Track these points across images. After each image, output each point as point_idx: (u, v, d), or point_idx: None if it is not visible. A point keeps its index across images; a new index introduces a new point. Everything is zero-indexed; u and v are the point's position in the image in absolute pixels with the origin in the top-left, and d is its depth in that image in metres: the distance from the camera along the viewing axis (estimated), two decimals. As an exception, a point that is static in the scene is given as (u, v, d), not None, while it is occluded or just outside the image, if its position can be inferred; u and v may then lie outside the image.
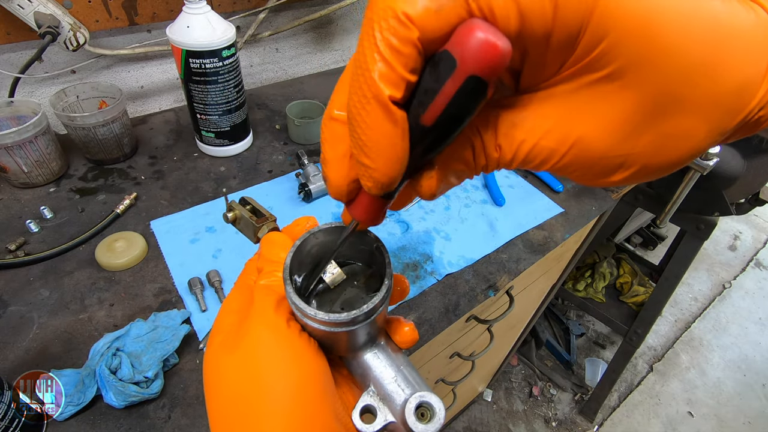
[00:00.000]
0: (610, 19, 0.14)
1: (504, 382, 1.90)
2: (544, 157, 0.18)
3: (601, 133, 0.16)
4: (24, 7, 0.69)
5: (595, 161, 0.17)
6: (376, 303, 0.23)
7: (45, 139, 0.70)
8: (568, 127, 0.17)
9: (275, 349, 0.23)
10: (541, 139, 0.17)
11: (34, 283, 0.59)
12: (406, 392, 0.25)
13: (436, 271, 0.66)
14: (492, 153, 0.18)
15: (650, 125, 0.16)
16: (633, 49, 0.15)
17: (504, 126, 0.18)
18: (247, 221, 0.33)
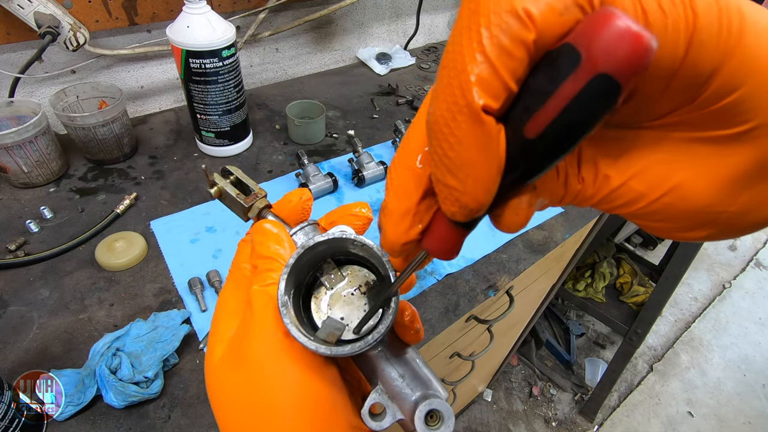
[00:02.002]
0: (749, 67, 0.13)
1: (504, 382, 1.90)
2: (628, 200, 0.16)
3: (706, 186, 0.15)
4: (24, 7, 0.69)
5: (688, 214, 0.15)
6: (379, 336, 0.22)
7: (45, 139, 0.70)
8: (665, 173, 0.15)
9: (280, 368, 0.22)
10: (630, 179, 0.15)
11: (34, 283, 0.59)
12: (414, 391, 0.25)
13: (436, 271, 0.66)
14: (574, 184, 0.17)
15: (757, 184, 0.14)
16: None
17: (590, 157, 0.16)
18: (234, 199, 0.30)
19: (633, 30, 0.11)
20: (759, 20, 0.13)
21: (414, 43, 1.32)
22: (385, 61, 1.21)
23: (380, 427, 0.24)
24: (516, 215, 0.17)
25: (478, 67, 0.12)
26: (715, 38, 0.12)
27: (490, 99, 0.12)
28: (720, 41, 0.12)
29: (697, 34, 0.12)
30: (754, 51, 0.13)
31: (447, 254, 0.18)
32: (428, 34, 1.40)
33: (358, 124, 0.97)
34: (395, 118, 1.00)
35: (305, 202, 0.29)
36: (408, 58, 1.24)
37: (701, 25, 0.12)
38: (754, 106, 0.13)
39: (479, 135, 0.13)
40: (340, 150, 0.89)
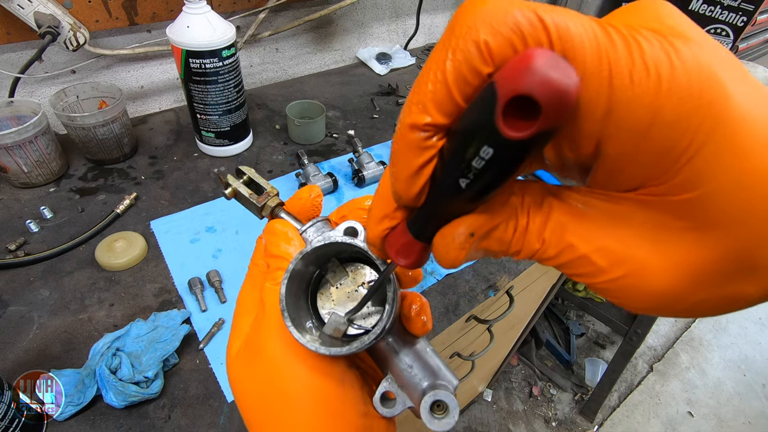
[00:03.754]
0: (724, 163, 0.13)
1: (504, 382, 1.90)
2: (587, 272, 0.16)
3: (667, 275, 0.15)
4: (24, 7, 0.69)
5: (645, 297, 0.15)
6: (375, 336, 0.23)
7: (45, 139, 0.70)
8: (629, 252, 0.15)
9: (290, 363, 0.24)
10: (593, 252, 0.15)
11: (34, 283, 0.59)
12: (423, 380, 0.25)
13: (436, 271, 0.66)
14: (533, 243, 0.17)
15: (714, 284, 0.14)
16: (738, 203, 0.13)
17: (556, 221, 0.16)
18: (247, 199, 0.32)
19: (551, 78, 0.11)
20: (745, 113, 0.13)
21: (414, 43, 1.32)
22: (385, 61, 1.21)
23: (391, 414, 0.25)
24: (447, 252, 0.17)
25: (436, 87, 0.14)
26: (688, 114, 0.12)
27: (439, 116, 0.14)
28: (694, 119, 0.12)
29: (669, 110, 0.12)
30: (730, 145, 0.12)
31: (402, 256, 0.19)
32: (428, 34, 1.40)
33: (358, 124, 0.97)
34: (395, 118, 1.00)
35: (315, 199, 0.30)
36: (408, 58, 1.24)
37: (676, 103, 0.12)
38: (719, 203, 0.13)
39: (413, 140, 0.15)
40: (340, 150, 0.89)
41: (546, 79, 0.11)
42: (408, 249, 0.19)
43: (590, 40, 0.12)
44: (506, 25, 0.12)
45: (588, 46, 0.12)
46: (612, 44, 0.12)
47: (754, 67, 1.12)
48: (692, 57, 0.12)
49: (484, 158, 0.13)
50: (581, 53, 0.12)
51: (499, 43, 0.12)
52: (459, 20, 0.13)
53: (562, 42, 0.12)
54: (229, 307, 0.59)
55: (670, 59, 0.12)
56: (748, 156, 0.13)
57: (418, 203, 0.17)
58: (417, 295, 0.27)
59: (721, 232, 0.14)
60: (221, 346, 0.54)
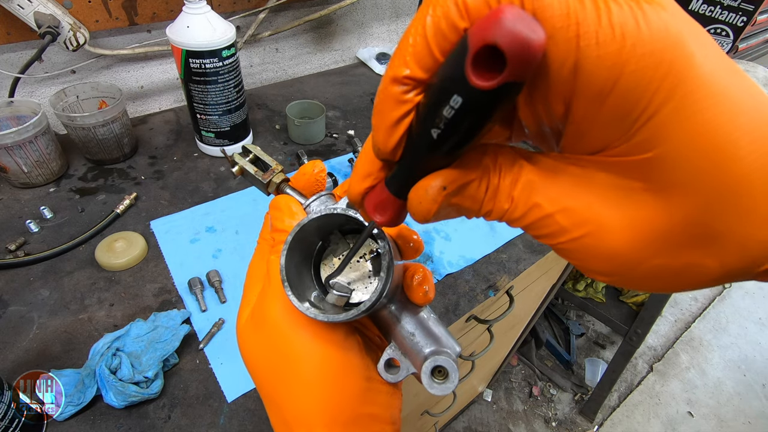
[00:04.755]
0: (684, 124, 0.13)
1: (504, 382, 1.90)
2: (551, 231, 0.17)
3: (625, 237, 0.15)
4: (24, 7, 0.69)
5: (601, 259, 0.16)
6: (373, 300, 0.23)
7: (45, 139, 0.70)
8: (591, 213, 0.16)
9: (295, 323, 0.25)
10: (556, 213, 0.16)
11: (34, 283, 0.59)
12: (425, 347, 0.26)
13: (436, 271, 0.66)
14: (502, 202, 0.17)
15: (672, 249, 0.15)
16: (692, 166, 0.13)
17: (526, 181, 0.17)
18: (253, 177, 0.33)
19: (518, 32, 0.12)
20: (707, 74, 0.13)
21: (414, 43, 1.32)
22: (385, 61, 1.21)
23: (395, 379, 0.26)
24: (420, 204, 0.17)
25: (416, 40, 0.14)
26: (649, 77, 0.13)
27: (418, 69, 0.15)
28: (654, 81, 0.13)
29: (631, 69, 0.13)
30: (688, 106, 0.13)
31: (378, 212, 0.20)
32: (428, 34, 1.40)
33: (358, 124, 0.97)
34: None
35: (319, 174, 0.31)
36: (408, 58, 1.24)
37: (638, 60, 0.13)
38: (676, 169, 0.14)
39: (393, 93, 0.16)
40: (340, 150, 0.89)
41: (512, 31, 0.12)
42: (384, 205, 0.20)
43: (560, 1, 0.13)
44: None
45: (557, 6, 0.13)
46: (582, 6, 0.13)
47: (754, 67, 1.12)
48: (659, 20, 0.13)
49: (454, 107, 0.14)
50: (550, 13, 0.13)
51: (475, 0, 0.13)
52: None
53: (533, 1, 0.13)
54: (229, 307, 0.59)
55: (636, 21, 0.13)
56: (704, 118, 0.13)
57: (395, 157, 0.18)
58: (420, 266, 0.28)
59: (677, 195, 0.14)
60: (221, 346, 0.54)
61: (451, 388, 0.24)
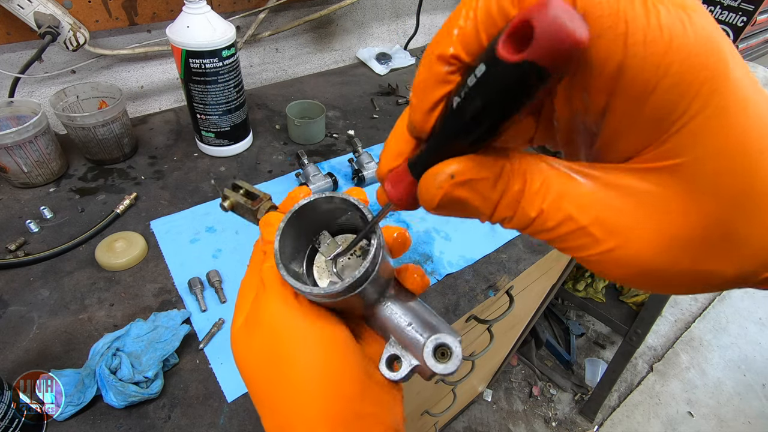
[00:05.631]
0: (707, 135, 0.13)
1: (504, 382, 1.90)
2: (582, 244, 0.16)
3: (651, 243, 0.15)
4: (24, 7, 0.69)
5: (626, 267, 0.16)
6: (367, 267, 0.23)
7: (45, 139, 0.70)
8: (620, 223, 0.15)
9: (291, 324, 0.25)
10: (590, 225, 0.15)
11: (34, 283, 0.59)
12: (424, 336, 0.26)
13: (436, 271, 0.66)
14: (528, 212, 0.16)
15: (696, 255, 0.15)
16: (719, 173, 0.14)
17: (557, 192, 0.16)
18: (243, 206, 0.35)
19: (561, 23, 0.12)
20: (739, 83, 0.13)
21: (414, 43, 1.32)
22: (385, 61, 1.21)
23: (398, 376, 0.26)
24: (426, 190, 0.17)
25: (466, 23, 0.15)
26: (690, 80, 0.13)
27: (463, 51, 0.15)
28: (695, 85, 0.13)
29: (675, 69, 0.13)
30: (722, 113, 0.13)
31: (394, 189, 0.20)
32: (428, 34, 1.40)
33: (358, 124, 0.97)
34: (395, 118, 1.00)
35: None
36: (408, 58, 1.24)
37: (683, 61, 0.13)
38: (704, 175, 0.14)
39: (437, 71, 0.16)
40: (340, 150, 0.89)
41: (550, 15, 0.12)
42: (402, 185, 0.19)
43: (610, 0, 0.13)
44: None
45: (606, 5, 0.13)
46: (631, 6, 0.13)
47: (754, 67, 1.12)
48: (703, 26, 0.13)
49: (476, 75, 0.14)
50: (599, 11, 0.13)
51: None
52: None
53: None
54: (230, 307, 0.59)
55: (683, 24, 0.13)
56: (735, 126, 0.13)
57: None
58: (411, 266, 0.30)
59: (703, 201, 0.14)
60: (221, 346, 0.54)
61: (456, 365, 0.24)
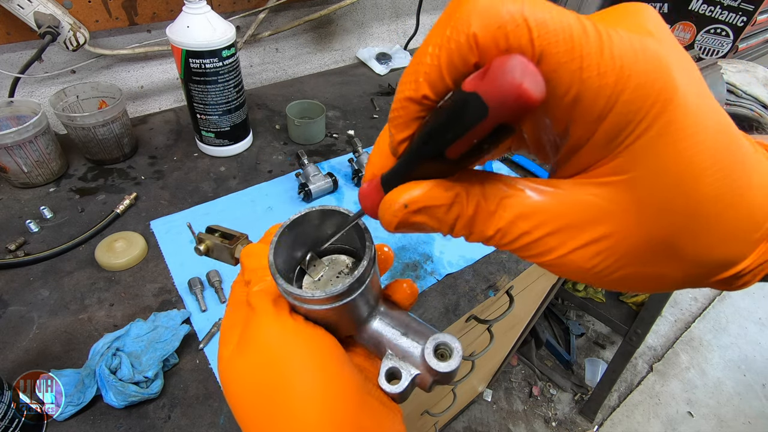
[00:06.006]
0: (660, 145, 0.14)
1: (504, 382, 1.90)
2: (538, 252, 0.18)
3: (598, 251, 0.17)
4: (24, 7, 0.69)
5: (578, 271, 0.18)
6: (365, 266, 0.24)
7: (45, 139, 0.70)
8: (572, 233, 0.17)
9: (287, 341, 0.24)
10: (545, 236, 0.17)
11: (34, 283, 0.59)
12: (420, 342, 0.26)
13: (436, 271, 0.66)
14: (485, 231, 0.18)
15: (640, 263, 0.17)
16: (662, 190, 0.15)
17: (512, 211, 0.17)
18: (220, 246, 0.34)
19: (525, 90, 0.13)
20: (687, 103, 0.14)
21: (414, 43, 1.32)
22: (385, 61, 1.21)
23: (399, 389, 0.25)
24: (384, 215, 0.19)
25: (431, 67, 0.15)
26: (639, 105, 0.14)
27: (429, 91, 0.16)
28: (644, 108, 0.14)
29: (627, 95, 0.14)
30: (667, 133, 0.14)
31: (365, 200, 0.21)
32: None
33: (358, 124, 0.97)
34: (395, 118, 1.00)
35: None
36: (408, 58, 1.24)
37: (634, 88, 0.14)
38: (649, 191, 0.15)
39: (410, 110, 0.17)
40: (340, 150, 0.89)
41: (499, 86, 0.13)
42: (370, 195, 0.20)
43: (565, 35, 0.14)
44: (494, 21, 0.14)
45: (562, 41, 0.14)
46: (586, 39, 0.14)
47: (754, 67, 1.12)
48: (653, 51, 0.14)
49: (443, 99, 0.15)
50: (555, 48, 0.14)
51: (485, 38, 0.14)
52: (454, 12, 0.15)
53: (540, 39, 0.14)
54: (229, 307, 0.59)
55: (635, 52, 0.14)
56: (677, 144, 0.14)
57: None
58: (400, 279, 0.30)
59: (647, 214, 0.15)
60: (221, 346, 0.54)
61: (458, 361, 0.24)
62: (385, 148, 0.20)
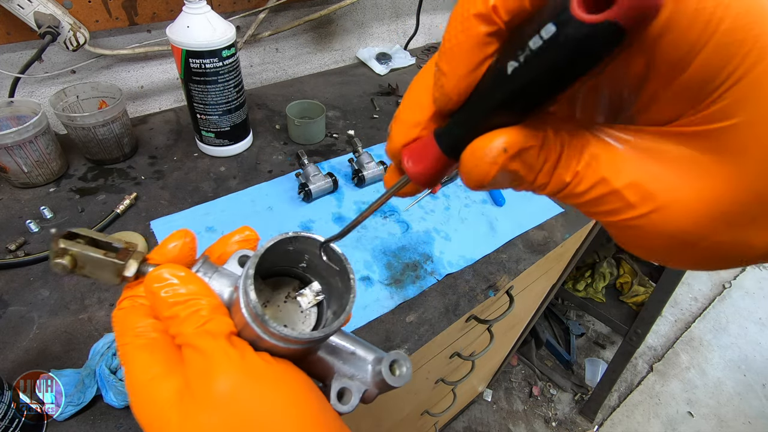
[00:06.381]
0: (762, 91, 0.12)
1: (504, 382, 1.90)
2: (615, 208, 0.15)
3: (690, 210, 0.14)
4: (24, 7, 0.69)
5: (662, 237, 0.15)
6: (352, 299, 0.23)
7: (45, 139, 0.70)
8: (658, 188, 0.15)
9: (265, 391, 0.20)
10: (624, 188, 0.15)
11: (34, 283, 0.59)
12: (367, 357, 0.27)
13: (436, 271, 0.66)
14: (563, 176, 0.16)
15: (735, 223, 0.14)
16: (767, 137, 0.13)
17: (591, 154, 0.16)
18: (100, 261, 0.24)
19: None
20: None
21: (414, 43, 1.32)
22: (385, 61, 1.21)
23: (351, 408, 0.26)
24: (476, 166, 0.16)
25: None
26: (741, 39, 0.12)
27: (502, 8, 0.13)
28: (746, 44, 0.12)
29: (723, 30, 0.12)
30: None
31: (418, 163, 0.18)
32: (428, 34, 1.40)
33: (358, 124, 0.97)
34: (395, 118, 1.00)
35: (193, 242, 0.27)
36: (408, 58, 1.24)
37: (732, 23, 0.12)
38: (751, 139, 0.13)
39: (476, 26, 0.14)
40: (340, 150, 0.89)
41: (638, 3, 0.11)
42: (428, 159, 0.17)
43: None
44: None
45: None
46: None
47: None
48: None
49: (543, 37, 0.12)
50: None
51: None
52: None
53: None
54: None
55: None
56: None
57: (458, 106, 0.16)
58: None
59: (747, 166, 0.13)
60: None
61: (409, 376, 0.25)
62: (422, 99, 0.17)
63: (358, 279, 0.64)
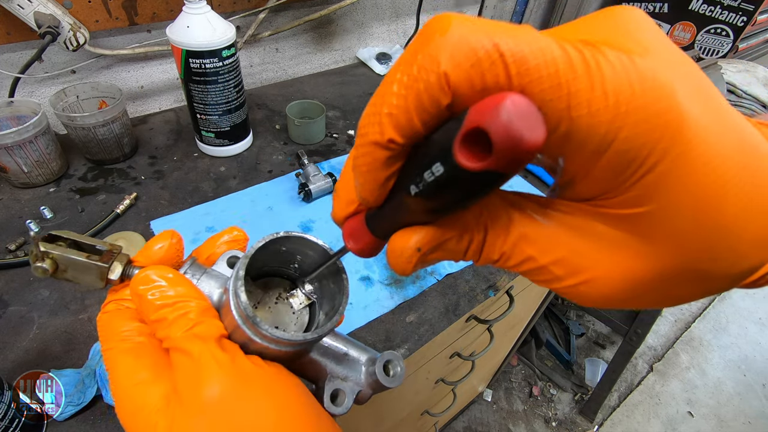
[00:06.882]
0: (677, 176, 0.13)
1: (504, 382, 1.90)
2: (546, 279, 0.17)
3: (614, 283, 0.16)
4: (24, 7, 0.69)
5: (595, 301, 0.17)
6: (344, 303, 0.23)
7: (45, 139, 0.70)
8: (582, 264, 0.16)
9: (256, 396, 0.20)
10: (551, 264, 0.16)
11: (34, 283, 0.59)
12: (360, 357, 0.27)
13: (436, 271, 0.66)
14: (491, 255, 0.17)
15: (660, 289, 0.16)
16: (686, 219, 0.13)
17: (517, 234, 0.17)
18: (83, 264, 0.23)
19: (521, 135, 0.11)
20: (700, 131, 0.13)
21: (414, 43, 1.32)
22: (385, 61, 1.21)
23: (345, 409, 0.26)
24: (396, 264, 0.17)
25: (398, 109, 0.14)
26: (642, 141, 0.13)
27: (398, 136, 0.14)
28: (648, 144, 0.13)
29: (626, 133, 0.13)
30: (683, 164, 0.13)
31: (354, 241, 0.20)
32: (428, 34, 1.40)
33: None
34: (395, 118, 1.00)
35: (180, 243, 0.26)
36: (408, 58, 1.24)
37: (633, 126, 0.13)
38: (669, 222, 0.14)
39: (378, 157, 0.15)
40: (340, 150, 0.89)
41: (506, 125, 0.11)
42: (362, 237, 0.20)
43: (549, 70, 0.12)
44: (467, 58, 0.12)
45: (546, 78, 0.12)
46: (573, 74, 0.12)
47: (754, 67, 1.12)
48: (652, 77, 0.12)
49: (434, 174, 0.13)
50: (539, 86, 0.12)
51: (458, 77, 0.13)
52: (422, 48, 0.13)
53: (521, 77, 0.12)
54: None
55: (630, 85, 0.12)
56: (698, 174, 0.13)
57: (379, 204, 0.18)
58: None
59: (669, 246, 0.14)
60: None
61: (403, 377, 0.26)
62: (352, 180, 0.18)
63: (358, 279, 0.64)
